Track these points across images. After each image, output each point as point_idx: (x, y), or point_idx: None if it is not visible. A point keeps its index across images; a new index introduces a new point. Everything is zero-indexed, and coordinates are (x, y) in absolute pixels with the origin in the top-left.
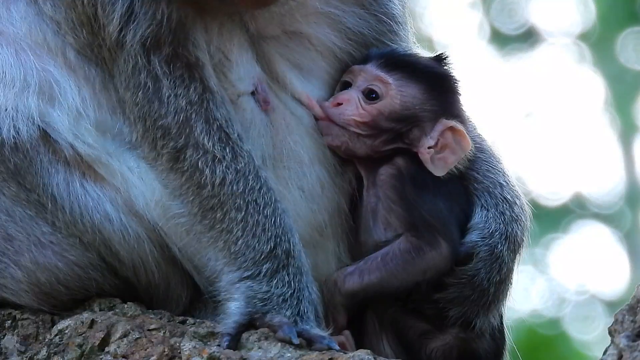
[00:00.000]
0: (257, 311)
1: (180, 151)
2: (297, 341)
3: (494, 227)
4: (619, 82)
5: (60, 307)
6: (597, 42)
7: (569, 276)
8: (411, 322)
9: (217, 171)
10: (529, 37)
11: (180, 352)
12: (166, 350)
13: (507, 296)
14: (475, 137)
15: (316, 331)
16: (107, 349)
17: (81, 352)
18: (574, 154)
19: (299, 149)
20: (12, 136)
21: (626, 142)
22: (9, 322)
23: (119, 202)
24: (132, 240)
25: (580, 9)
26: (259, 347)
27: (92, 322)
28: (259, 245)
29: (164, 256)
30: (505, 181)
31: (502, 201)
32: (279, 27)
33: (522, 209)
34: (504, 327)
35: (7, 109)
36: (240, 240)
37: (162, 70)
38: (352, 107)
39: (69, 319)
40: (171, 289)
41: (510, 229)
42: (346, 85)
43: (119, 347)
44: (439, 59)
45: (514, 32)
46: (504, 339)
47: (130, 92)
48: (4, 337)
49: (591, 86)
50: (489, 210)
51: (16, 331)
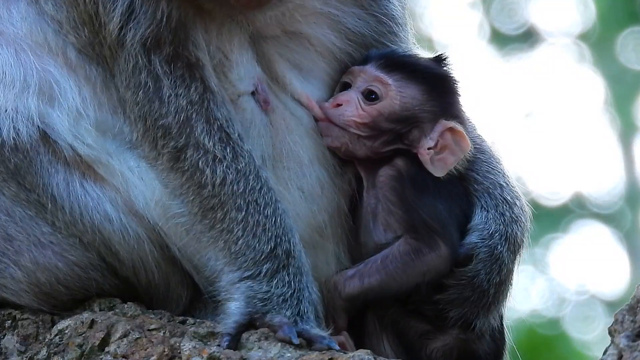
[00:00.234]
0: (257, 311)
1: (180, 151)
2: (297, 341)
3: (493, 228)
4: (619, 82)
5: (60, 307)
6: (597, 42)
7: (569, 276)
8: (411, 323)
9: (218, 171)
10: (529, 37)
11: (180, 352)
12: (166, 350)
13: (507, 297)
14: (475, 138)
15: (316, 331)
16: (107, 349)
17: (81, 352)
18: (574, 154)
19: (298, 149)
20: (12, 137)
21: (626, 142)
22: (9, 322)
23: (119, 202)
24: (132, 240)
25: (580, 9)
26: (259, 347)
27: (92, 322)
28: (259, 245)
29: (164, 256)
30: (505, 182)
31: (502, 202)
32: (279, 27)
33: (522, 210)
34: (504, 327)
35: (7, 110)
36: (240, 240)
37: (163, 69)
38: (351, 108)
39: (69, 319)
40: (171, 289)
41: (510, 230)
42: (345, 86)
43: (119, 347)
44: (439, 59)
45: (514, 32)
46: (503, 339)
47: (130, 92)
48: (4, 337)
49: (591, 86)
50: (488, 211)
51: (16, 331)
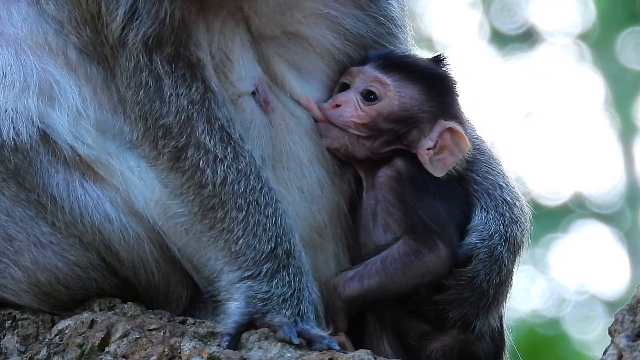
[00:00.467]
0: (257, 311)
1: (181, 150)
2: (297, 341)
3: (493, 228)
4: (619, 82)
5: (60, 307)
6: (597, 42)
7: (569, 276)
8: (411, 323)
9: (219, 171)
10: (528, 37)
11: (180, 352)
12: (166, 350)
13: (506, 298)
14: (474, 139)
15: (316, 331)
16: (107, 349)
17: (81, 352)
18: (574, 154)
19: (298, 149)
20: (12, 137)
21: (626, 142)
22: (9, 322)
23: (118, 202)
24: (132, 240)
25: (580, 9)
26: (259, 347)
27: (92, 322)
28: (259, 245)
29: (164, 256)
30: (505, 183)
31: (502, 203)
32: (278, 27)
33: (522, 210)
34: (503, 328)
35: (7, 110)
36: (241, 240)
37: (164, 69)
38: (350, 108)
39: (69, 319)
40: (171, 289)
41: (510, 231)
42: (344, 87)
43: (119, 347)
44: (437, 60)
45: (513, 32)
46: (503, 340)
47: (131, 91)
48: (4, 337)
49: (591, 86)
50: (488, 212)
51: (16, 331)
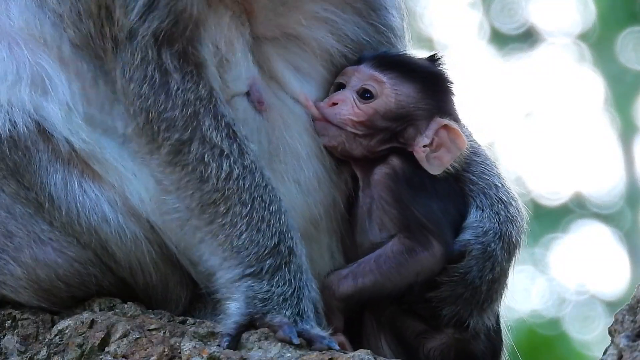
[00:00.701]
0: (258, 312)
1: (184, 144)
2: (297, 341)
3: (488, 226)
4: (619, 82)
5: (59, 305)
6: (597, 42)
7: (569, 276)
8: (408, 322)
9: (224, 165)
10: (528, 37)
11: (180, 352)
12: (166, 350)
13: (501, 296)
14: (471, 142)
15: (316, 331)
16: (107, 349)
17: (81, 352)
18: (574, 154)
19: (296, 144)
20: (7, 129)
21: (626, 142)
22: (9, 322)
23: (117, 202)
24: (129, 241)
25: (580, 9)
26: (259, 347)
27: (92, 322)
28: (263, 240)
29: (162, 257)
30: (500, 183)
31: (498, 202)
32: (279, 29)
33: (518, 210)
34: (500, 327)
35: (1, 104)
36: (244, 234)
37: (173, 64)
38: (347, 106)
39: (69, 319)
40: (170, 289)
41: (504, 229)
42: (340, 87)
43: (119, 347)
44: (433, 59)
45: (513, 32)
46: (500, 339)
47: (134, 84)
48: (4, 337)
49: (591, 86)
50: (484, 210)
51: (16, 331)
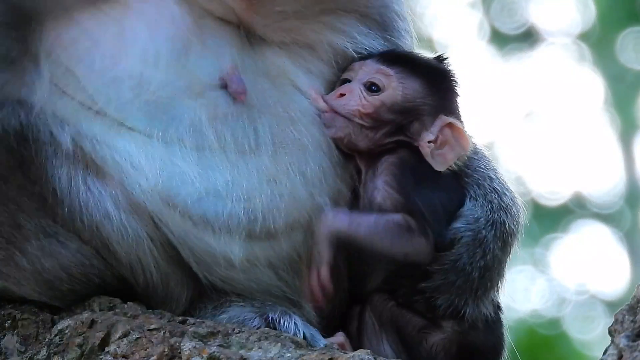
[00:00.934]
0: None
1: None
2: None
3: (479, 214)
4: (619, 82)
5: (60, 299)
6: (597, 42)
7: (569, 276)
8: (409, 318)
9: None
10: (528, 37)
11: (180, 352)
12: (166, 350)
13: (496, 284)
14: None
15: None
16: (107, 349)
17: (81, 352)
18: (574, 154)
19: (302, 137)
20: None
21: (626, 142)
22: (9, 322)
23: (119, 198)
24: (130, 239)
25: (580, 8)
26: (259, 347)
27: (92, 322)
28: None
29: (164, 256)
30: (495, 176)
31: (491, 191)
32: (288, 34)
33: (512, 200)
34: (500, 318)
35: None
36: None
37: None
38: (355, 98)
39: (69, 319)
40: (170, 289)
41: (497, 217)
42: (346, 82)
43: (119, 347)
44: (440, 59)
45: (513, 32)
46: (501, 330)
47: None
48: (4, 337)
49: (591, 86)
50: (477, 200)
51: (16, 331)
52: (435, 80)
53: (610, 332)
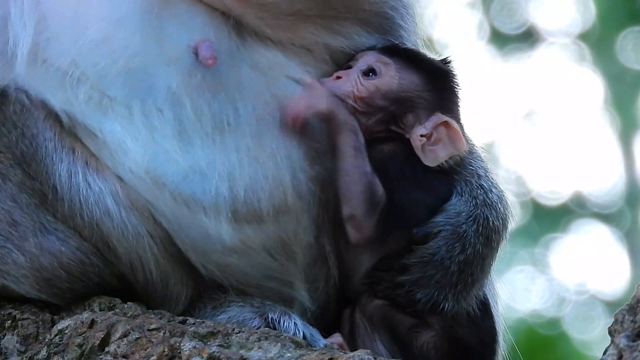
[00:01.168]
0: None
1: None
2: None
3: (462, 208)
4: (619, 82)
5: (59, 297)
6: (597, 42)
7: (569, 276)
8: (399, 318)
9: None
10: (528, 37)
11: (180, 352)
12: (166, 350)
13: (479, 280)
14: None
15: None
16: (107, 349)
17: (81, 352)
18: (574, 154)
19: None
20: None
21: (626, 142)
22: (9, 322)
23: (119, 194)
24: (130, 236)
25: (580, 9)
26: (259, 347)
27: (92, 322)
28: None
29: (164, 253)
30: (484, 173)
31: (478, 187)
32: (278, 27)
33: (499, 197)
34: (490, 315)
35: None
36: None
37: None
38: (351, 81)
39: (69, 319)
40: (170, 287)
41: (479, 212)
42: (348, 69)
43: (119, 347)
44: (445, 61)
45: (513, 31)
46: (491, 326)
47: None
48: (4, 337)
49: (591, 86)
50: (462, 195)
51: (16, 331)
52: (435, 77)
53: (610, 332)
